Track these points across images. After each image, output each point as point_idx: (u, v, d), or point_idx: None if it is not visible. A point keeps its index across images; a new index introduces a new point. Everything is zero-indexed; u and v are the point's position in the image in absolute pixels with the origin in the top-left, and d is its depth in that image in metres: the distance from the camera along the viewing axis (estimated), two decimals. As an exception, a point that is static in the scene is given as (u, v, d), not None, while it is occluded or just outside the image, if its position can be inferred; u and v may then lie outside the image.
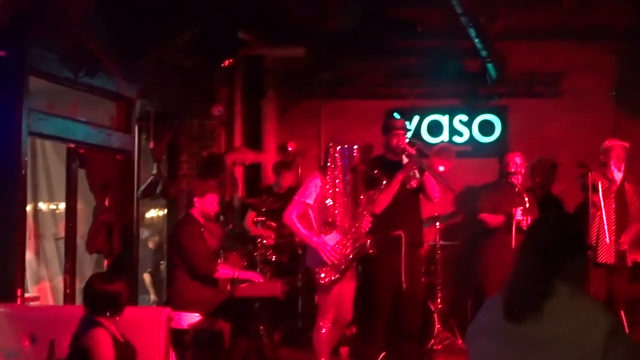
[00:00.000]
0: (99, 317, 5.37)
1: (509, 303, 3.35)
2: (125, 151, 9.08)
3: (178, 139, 10.80)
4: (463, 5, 7.89)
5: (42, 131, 7.73)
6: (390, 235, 7.30)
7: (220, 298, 7.79)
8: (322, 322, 7.24)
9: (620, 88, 10.51)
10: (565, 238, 3.42)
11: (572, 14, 10.22)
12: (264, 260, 9.09)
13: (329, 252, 7.04)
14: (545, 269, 3.33)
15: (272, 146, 10.95)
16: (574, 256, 3.40)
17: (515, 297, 3.34)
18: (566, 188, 9.52)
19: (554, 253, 3.37)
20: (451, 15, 8.49)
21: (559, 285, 3.31)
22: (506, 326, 3.35)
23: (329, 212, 7.12)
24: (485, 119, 10.79)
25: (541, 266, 3.34)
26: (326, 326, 7.23)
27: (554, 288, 3.30)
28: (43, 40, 7.35)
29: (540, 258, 3.36)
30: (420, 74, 10.86)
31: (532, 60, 10.63)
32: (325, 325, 7.23)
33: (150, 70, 8.94)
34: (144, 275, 11.06)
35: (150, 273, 11.15)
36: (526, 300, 3.30)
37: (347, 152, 7.16)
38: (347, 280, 7.26)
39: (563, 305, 3.27)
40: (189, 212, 7.96)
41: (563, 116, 10.54)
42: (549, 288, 3.29)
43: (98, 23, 7.67)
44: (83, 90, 8.35)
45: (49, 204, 10.14)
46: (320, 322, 7.25)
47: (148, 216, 11.49)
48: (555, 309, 3.27)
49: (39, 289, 9.53)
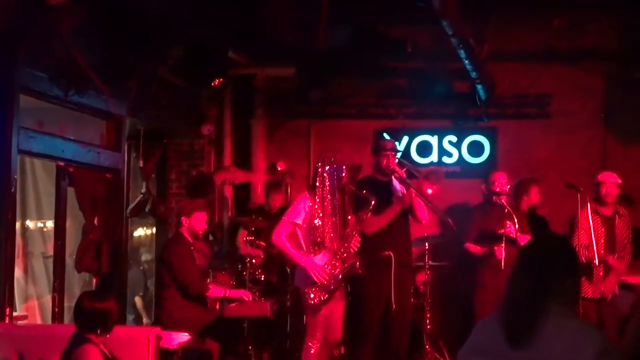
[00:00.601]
0: (89, 335, 5.37)
1: (505, 325, 3.34)
2: (114, 169, 9.06)
3: (167, 157, 10.81)
4: (453, 27, 7.92)
5: (31, 149, 7.71)
6: (379, 256, 7.29)
7: (209, 317, 7.78)
8: (310, 342, 7.23)
9: (608, 110, 10.57)
10: (558, 259, 3.42)
11: (561, 36, 10.31)
12: (252, 280, 9.08)
13: (318, 272, 7.03)
14: (538, 291, 3.33)
15: (262, 165, 10.96)
16: (566, 278, 3.40)
17: (511, 320, 3.34)
18: (554, 209, 9.54)
19: (547, 274, 3.37)
20: (441, 36, 8.52)
21: (552, 307, 3.31)
22: (499, 347, 3.35)
23: (317, 232, 7.11)
24: (475, 139, 10.82)
25: (534, 288, 3.34)
26: (315, 346, 7.22)
27: (547, 310, 3.30)
28: (33, 58, 7.34)
29: (532, 280, 3.35)
30: (409, 94, 10.90)
31: (521, 81, 10.68)
32: (314, 345, 7.21)
33: (140, 89, 8.94)
34: (135, 298, 11.03)
35: (140, 296, 11.11)
36: (522, 322, 3.29)
37: (335, 171, 7.15)
38: (336, 300, 7.25)
39: (555, 327, 3.27)
40: (179, 231, 7.96)
41: (552, 137, 10.59)
42: (542, 310, 3.30)
43: (88, 41, 7.68)
44: (73, 108, 8.34)
45: (37, 221, 10.11)
46: (309, 342, 7.23)
47: (136, 235, 11.46)
48: (548, 330, 3.27)
49: (27, 308, 9.49)
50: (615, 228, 8.38)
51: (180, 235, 7.93)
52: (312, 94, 10.98)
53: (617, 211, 8.45)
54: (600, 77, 10.60)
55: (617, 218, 8.41)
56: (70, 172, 8.33)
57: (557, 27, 10.17)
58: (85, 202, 8.52)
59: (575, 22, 10.30)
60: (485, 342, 3.46)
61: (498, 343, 3.37)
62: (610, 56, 10.49)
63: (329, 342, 7.39)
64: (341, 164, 7.20)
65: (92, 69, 7.61)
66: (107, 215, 8.90)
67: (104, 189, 8.87)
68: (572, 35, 10.37)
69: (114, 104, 8.45)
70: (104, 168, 8.90)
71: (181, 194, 10.59)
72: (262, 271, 9.20)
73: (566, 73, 10.61)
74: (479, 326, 3.60)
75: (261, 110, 11.00)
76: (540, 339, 3.27)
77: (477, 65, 9.28)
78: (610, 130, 10.52)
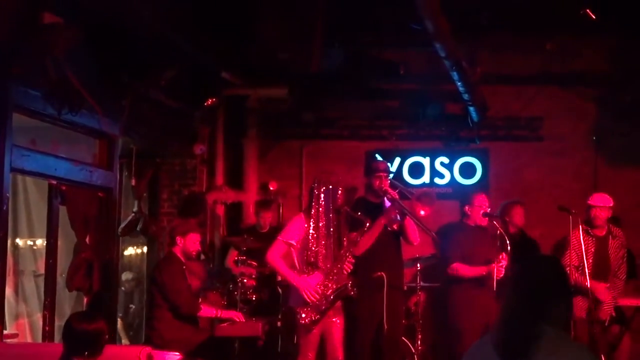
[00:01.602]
0: (77, 358, 5.33)
1: (501, 349, 3.34)
2: (106, 188, 9.05)
3: (159, 176, 10.81)
4: (446, 49, 7.96)
5: (24, 167, 7.69)
6: (372, 277, 7.29)
7: (200, 337, 7.76)
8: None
9: (599, 133, 10.62)
10: (551, 282, 3.43)
11: (553, 59, 10.35)
12: (244, 300, 9.07)
13: (310, 291, 7.03)
14: (533, 314, 3.33)
15: (254, 185, 10.97)
16: (559, 300, 3.41)
17: (506, 343, 3.33)
18: (546, 231, 9.57)
19: (541, 297, 3.37)
20: (434, 58, 8.57)
21: (546, 330, 3.32)
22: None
23: (311, 253, 7.11)
24: (467, 161, 10.87)
25: (529, 311, 3.34)
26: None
27: (541, 332, 3.30)
28: (26, 77, 7.34)
29: (527, 303, 3.36)
30: (402, 116, 10.95)
31: (513, 104, 10.74)
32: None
33: (133, 109, 8.95)
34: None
35: (120, 318, 11.02)
36: (518, 345, 3.29)
37: (331, 192, 7.16)
38: (332, 321, 7.22)
39: (548, 350, 3.27)
40: (171, 251, 7.95)
41: (543, 160, 10.64)
42: (537, 333, 3.30)
43: (81, 60, 7.68)
44: (66, 127, 8.33)
45: (28, 240, 10.07)
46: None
47: (127, 254, 11.42)
48: (542, 354, 3.27)
49: (17, 326, 9.43)
50: (609, 249, 8.40)
51: (172, 254, 7.92)
52: (304, 115, 11.01)
53: (611, 232, 8.47)
54: (592, 100, 10.68)
55: (610, 239, 8.43)
56: (63, 191, 8.31)
57: (550, 51, 10.22)
58: (77, 220, 8.50)
59: (568, 46, 10.37)
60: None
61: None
62: (602, 80, 10.57)
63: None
64: (337, 185, 7.20)
65: (85, 88, 7.61)
66: (98, 234, 8.88)
67: (96, 207, 8.85)
68: (564, 59, 10.44)
69: (106, 123, 8.45)
70: (96, 187, 8.89)
71: (173, 213, 10.59)
72: (253, 291, 9.20)
73: (558, 96, 10.69)
74: (472, 351, 3.59)
75: (254, 130, 11.02)
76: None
77: (470, 88, 9.32)
78: (601, 153, 10.58)
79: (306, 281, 7.07)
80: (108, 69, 8.39)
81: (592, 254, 8.29)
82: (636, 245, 9.68)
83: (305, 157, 11.20)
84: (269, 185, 10.85)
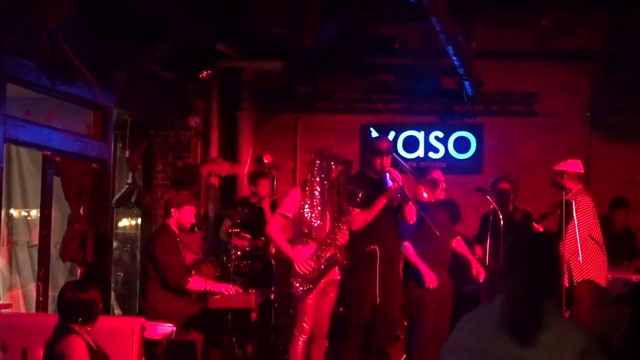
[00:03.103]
0: (73, 325, 5.37)
1: (510, 326, 3.33)
2: (101, 160, 9.05)
3: (154, 148, 10.81)
4: (442, 23, 7.95)
5: (18, 138, 7.70)
6: (365, 251, 7.30)
7: (193, 309, 7.79)
8: (298, 333, 7.22)
9: (594, 109, 10.63)
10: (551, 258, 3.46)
11: (548, 35, 10.36)
12: (237, 272, 9.09)
13: (302, 262, 7.07)
14: (538, 290, 3.35)
15: (248, 158, 10.96)
16: (555, 274, 3.44)
17: (516, 320, 3.32)
18: (539, 207, 9.59)
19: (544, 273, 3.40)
20: (429, 33, 8.55)
21: (545, 303, 3.35)
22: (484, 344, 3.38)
23: (305, 224, 7.15)
24: (461, 135, 10.88)
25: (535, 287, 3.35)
26: (302, 338, 7.22)
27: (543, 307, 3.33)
28: (21, 48, 7.33)
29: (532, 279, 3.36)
30: (397, 90, 10.95)
31: (508, 79, 10.74)
32: (301, 336, 7.22)
33: (128, 80, 8.94)
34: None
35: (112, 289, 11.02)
36: (526, 321, 3.30)
37: (328, 165, 7.18)
38: (325, 293, 7.24)
39: (544, 325, 3.30)
40: (166, 223, 7.97)
41: (537, 135, 10.65)
42: (543, 307, 3.33)
43: (76, 32, 7.67)
44: (60, 98, 8.33)
45: (22, 210, 10.08)
46: (297, 333, 7.22)
47: (121, 225, 11.44)
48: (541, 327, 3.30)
49: (11, 297, 9.46)
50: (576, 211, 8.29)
51: (166, 226, 7.94)
52: (299, 88, 11.01)
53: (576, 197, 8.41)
54: (586, 77, 10.67)
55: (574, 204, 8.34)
56: (57, 162, 8.32)
57: (546, 27, 10.21)
58: (71, 191, 8.51)
59: (563, 23, 10.35)
60: (469, 339, 3.48)
61: (482, 339, 3.39)
62: (597, 57, 10.57)
63: (318, 333, 7.36)
64: (333, 158, 7.21)
65: (80, 59, 7.60)
66: (92, 205, 8.90)
67: (90, 179, 8.85)
68: (559, 35, 10.44)
69: (101, 94, 8.43)
70: (91, 158, 8.89)
71: (167, 185, 10.61)
72: (246, 263, 9.22)
73: (553, 72, 10.68)
74: (463, 322, 3.61)
75: (248, 103, 11.00)
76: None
77: (465, 62, 9.32)
78: (595, 130, 10.60)
79: (299, 253, 7.11)
80: (103, 40, 8.37)
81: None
82: (630, 221, 9.75)
83: (300, 130, 11.20)
84: (264, 158, 10.86)
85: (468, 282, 8.43)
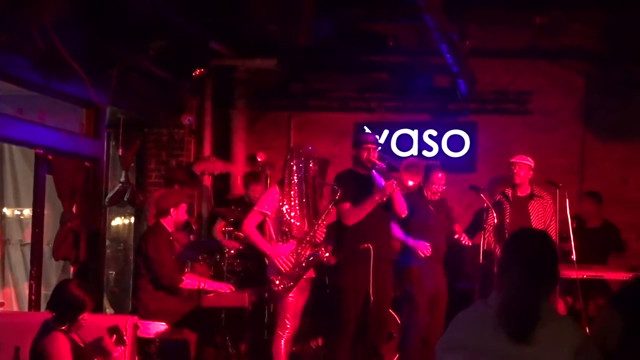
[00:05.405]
0: (61, 322, 5.38)
1: (509, 324, 3.33)
2: (94, 158, 9.03)
3: (147, 146, 10.80)
4: (436, 20, 7.94)
5: (10, 136, 7.69)
6: (358, 249, 7.30)
7: (186, 308, 7.77)
8: (280, 332, 7.25)
9: (587, 108, 10.63)
10: (550, 255, 3.46)
11: (542, 34, 10.34)
12: (230, 271, 9.08)
13: (282, 259, 7.10)
14: (537, 288, 3.35)
15: (242, 156, 10.95)
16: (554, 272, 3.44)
17: (515, 318, 3.32)
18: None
19: (543, 271, 3.41)
20: (423, 31, 8.55)
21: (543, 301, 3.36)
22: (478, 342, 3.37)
23: (285, 222, 7.18)
24: (455, 134, 10.86)
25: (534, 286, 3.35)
26: (285, 335, 7.24)
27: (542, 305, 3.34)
28: (14, 45, 7.31)
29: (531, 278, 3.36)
30: (390, 89, 10.94)
31: (502, 78, 10.73)
32: (284, 334, 7.23)
33: (121, 78, 8.93)
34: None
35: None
36: (526, 319, 3.30)
37: (303, 163, 7.23)
38: (301, 290, 7.27)
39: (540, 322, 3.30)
40: (159, 222, 7.93)
41: (531, 134, 10.64)
42: (542, 304, 3.33)
43: (70, 29, 7.65)
44: (53, 95, 8.31)
45: (15, 209, 10.06)
46: (279, 332, 7.25)
47: (114, 224, 11.41)
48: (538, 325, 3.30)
49: (4, 295, 9.44)
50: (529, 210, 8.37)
51: (159, 225, 7.90)
52: (293, 86, 10.99)
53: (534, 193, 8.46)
54: (580, 76, 10.66)
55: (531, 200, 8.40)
56: (50, 160, 8.30)
57: (540, 26, 10.21)
58: (64, 190, 8.49)
59: (558, 21, 10.33)
60: (464, 337, 3.47)
61: (478, 337, 3.39)
62: (591, 56, 10.56)
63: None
64: (309, 157, 7.27)
65: (73, 57, 7.59)
66: (85, 203, 8.88)
67: (83, 177, 8.83)
68: (554, 33, 10.41)
69: (94, 92, 8.42)
70: (84, 156, 8.87)
71: (160, 183, 10.59)
72: (240, 262, 9.21)
73: (547, 71, 10.67)
74: (457, 320, 3.60)
75: (242, 101, 10.99)
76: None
77: (459, 60, 9.31)
78: (589, 129, 10.59)
79: (278, 250, 7.14)
80: (96, 38, 8.36)
81: (510, 214, 8.32)
82: (622, 220, 9.75)
83: (294, 128, 11.19)
84: (257, 156, 10.84)
85: (462, 280, 8.45)
